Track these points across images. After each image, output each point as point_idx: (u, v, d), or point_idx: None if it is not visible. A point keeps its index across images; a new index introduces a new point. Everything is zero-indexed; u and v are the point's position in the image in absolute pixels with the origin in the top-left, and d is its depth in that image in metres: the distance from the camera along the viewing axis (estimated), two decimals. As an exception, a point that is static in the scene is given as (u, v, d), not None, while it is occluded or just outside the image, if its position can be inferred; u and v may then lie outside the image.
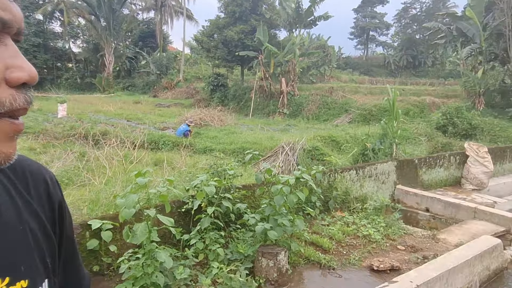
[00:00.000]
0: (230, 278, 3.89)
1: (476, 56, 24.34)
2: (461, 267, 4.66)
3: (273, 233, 4.32)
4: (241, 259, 4.40)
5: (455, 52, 32.09)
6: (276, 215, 4.53)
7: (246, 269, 4.20)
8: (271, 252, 4.26)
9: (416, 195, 7.51)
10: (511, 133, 14.37)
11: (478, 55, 23.80)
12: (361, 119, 19.70)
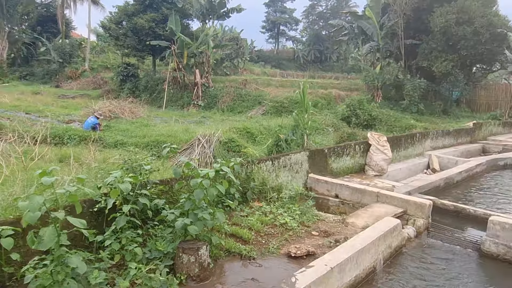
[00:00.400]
0: (149, 278, 3.76)
1: (375, 53, 26.61)
2: (368, 248, 5.09)
3: (193, 228, 4.26)
4: (160, 257, 4.27)
5: (357, 48, 34.67)
6: (196, 209, 4.47)
7: (166, 267, 4.09)
8: (192, 247, 4.20)
9: (327, 182, 7.99)
10: (404, 123, 16.01)
11: (376, 52, 26.03)
12: (274, 111, 20.32)
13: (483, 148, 15.21)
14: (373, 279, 5.15)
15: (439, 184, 9.26)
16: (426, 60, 21.89)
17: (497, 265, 5.78)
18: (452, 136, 14.45)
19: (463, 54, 20.94)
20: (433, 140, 13.28)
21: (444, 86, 22.34)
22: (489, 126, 17.40)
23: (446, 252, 6.17)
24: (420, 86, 21.00)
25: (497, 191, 9.82)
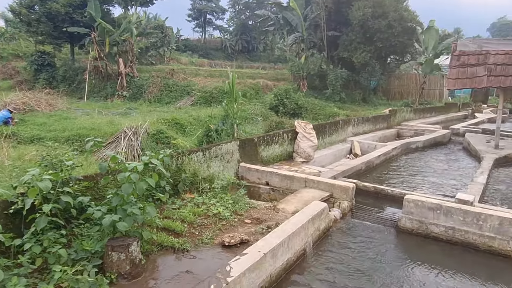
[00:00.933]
0: (76, 280, 3.56)
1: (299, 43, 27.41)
2: (298, 231, 5.31)
3: (122, 224, 4.10)
4: (88, 257, 4.05)
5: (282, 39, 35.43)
6: (125, 205, 4.30)
7: (95, 266, 3.91)
8: (122, 244, 4.04)
9: (257, 171, 8.15)
10: (328, 111, 16.82)
11: (301, 42, 26.84)
12: (203, 101, 20.12)
13: (397, 133, 16.52)
14: (303, 261, 5.39)
15: (360, 168, 9.91)
16: (346, 51, 23.10)
17: (412, 239, 6.37)
18: (371, 123, 15.49)
19: (379, 45, 22.43)
20: (355, 127, 14.13)
21: (363, 76, 23.78)
22: (402, 112, 18.93)
23: (369, 230, 6.65)
24: (342, 76, 22.15)
25: (410, 172, 10.77)
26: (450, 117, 22.92)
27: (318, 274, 5.08)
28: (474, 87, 12.69)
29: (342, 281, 4.93)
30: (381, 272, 5.24)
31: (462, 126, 18.31)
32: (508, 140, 14.38)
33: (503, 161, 11.72)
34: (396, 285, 4.92)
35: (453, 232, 6.17)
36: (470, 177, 9.55)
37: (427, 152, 13.72)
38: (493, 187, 9.35)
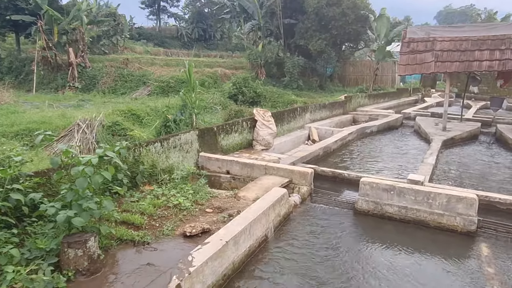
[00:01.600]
0: (31, 280, 3.43)
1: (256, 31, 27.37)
2: (260, 218, 5.38)
3: (78, 220, 3.97)
4: (43, 256, 3.90)
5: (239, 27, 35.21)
6: (80, 200, 4.16)
7: (51, 265, 3.77)
8: (79, 240, 3.92)
9: (218, 160, 8.13)
10: (286, 98, 16.98)
11: (258, 30, 26.80)
12: (160, 91, 19.67)
13: (353, 118, 17.04)
14: (266, 247, 5.49)
15: (318, 153, 10.14)
16: (303, 38, 23.35)
17: (368, 219, 6.65)
18: (328, 109, 15.85)
19: (334, 33, 22.86)
20: (312, 113, 14.40)
21: (319, 63, 24.21)
22: (357, 98, 19.51)
23: (327, 213, 6.86)
24: (299, 63, 22.42)
25: (366, 156, 11.18)
26: (402, 102, 23.91)
27: (280, 258, 5.20)
28: (423, 72, 13.29)
29: (303, 264, 5.07)
30: (340, 252, 5.44)
31: (413, 110, 19.18)
32: (455, 122, 15.23)
33: (450, 142, 12.43)
34: (355, 264, 5.13)
35: (406, 211, 6.50)
36: (421, 158, 10.05)
37: (381, 136, 14.27)
38: (442, 167, 9.92)
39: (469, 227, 6.07)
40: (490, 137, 14.09)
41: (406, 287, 4.63)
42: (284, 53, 25.62)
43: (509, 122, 15.85)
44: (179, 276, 3.74)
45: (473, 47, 12.21)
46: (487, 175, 9.51)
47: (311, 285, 4.59)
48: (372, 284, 4.68)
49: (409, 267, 5.12)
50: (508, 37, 11.85)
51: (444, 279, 4.86)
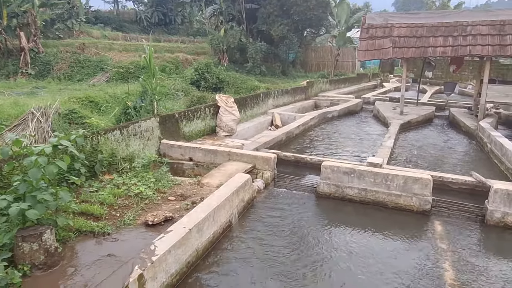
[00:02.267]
0: (-18, 276, 3.25)
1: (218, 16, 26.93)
2: (223, 204, 5.37)
3: (33, 212, 3.80)
4: (-6, 251, 3.71)
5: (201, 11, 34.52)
6: (35, 191, 3.97)
7: (4, 260, 3.59)
8: (34, 233, 3.75)
9: (180, 147, 8.01)
10: (249, 84, 16.92)
11: (220, 15, 26.37)
12: (119, 77, 19.00)
13: (315, 104, 17.29)
14: (230, 233, 5.51)
15: (281, 139, 10.24)
16: (265, 24, 23.23)
17: (330, 202, 6.82)
18: (290, 95, 15.97)
19: (295, 19, 22.89)
20: (275, 99, 14.47)
21: (281, 49, 24.20)
22: (319, 84, 19.78)
23: (291, 197, 6.97)
24: (261, 49, 22.32)
25: (327, 140, 11.40)
26: (361, 87, 24.50)
27: (244, 243, 5.24)
28: (381, 58, 13.64)
29: (267, 247, 5.13)
30: (303, 235, 5.56)
31: (372, 95, 19.72)
32: (411, 106, 15.81)
33: (407, 126, 12.92)
34: (317, 247, 5.26)
35: (366, 193, 6.71)
36: (379, 142, 10.37)
37: (342, 120, 14.59)
38: (399, 150, 10.30)
39: (424, 207, 6.36)
40: (444, 121, 14.77)
41: (367, 265, 4.81)
42: (247, 39, 25.40)
43: (461, 106, 16.66)
44: (141, 266, 3.68)
45: (428, 33, 12.65)
46: (441, 156, 9.98)
47: (275, 269, 4.66)
48: (334, 265, 4.82)
49: (370, 246, 5.31)
50: (460, 24, 12.36)
51: (402, 256, 5.09)
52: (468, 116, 13.93)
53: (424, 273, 4.67)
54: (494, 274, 4.72)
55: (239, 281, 4.40)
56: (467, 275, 4.66)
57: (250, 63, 22.37)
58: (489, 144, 10.08)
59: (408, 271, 4.71)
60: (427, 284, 4.44)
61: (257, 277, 4.47)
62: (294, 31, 24.18)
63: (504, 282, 4.54)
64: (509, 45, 11.55)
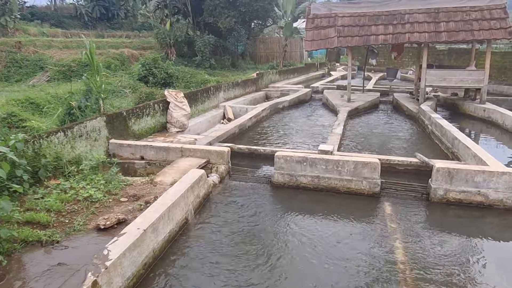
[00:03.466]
0: None
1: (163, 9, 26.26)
2: (178, 202, 5.30)
3: (-30, 226, 3.54)
4: None
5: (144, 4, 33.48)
6: (-30, 204, 3.70)
7: None
8: (-27, 248, 3.51)
9: (130, 146, 7.78)
10: (199, 78, 16.70)
11: (164, 8, 25.73)
12: (61, 76, 18.03)
13: (266, 95, 17.43)
14: (187, 230, 5.45)
15: (234, 131, 10.24)
16: (211, 16, 22.97)
17: (285, 191, 6.93)
18: (241, 87, 15.98)
19: (242, 10, 22.84)
20: (226, 92, 14.41)
21: (230, 41, 24.08)
22: (269, 75, 19.94)
23: (246, 189, 7.00)
24: (210, 42, 22.07)
25: (280, 130, 11.56)
26: (310, 76, 25.03)
27: (201, 239, 5.20)
28: (327, 47, 13.97)
29: (225, 242, 5.14)
30: (260, 226, 5.62)
31: (321, 84, 20.20)
32: (358, 93, 16.39)
33: (354, 112, 13.38)
34: (275, 236, 5.35)
35: (318, 180, 6.89)
36: (330, 129, 10.68)
37: (293, 110, 14.84)
38: (348, 136, 10.67)
39: (374, 189, 6.65)
40: (389, 105, 15.46)
41: (323, 248, 4.96)
42: (194, 32, 25.01)
43: (403, 90, 17.50)
44: (95, 272, 3.55)
45: (370, 22, 13.12)
46: (388, 140, 10.47)
47: (233, 263, 4.68)
48: (293, 252, 4.92)
49: (325, 230, 5.48)
50: (398, 12, 12.93)
51: (356, 238, 5.30)
52: (410, 100, 14.67)
53: (377, 252, 4.89)
54: (439, 247, 5.05)
55: (198, 278, 4.37)
56: (416, 251, 4.94)
57: (199, 56, 22.08)
58: (430, 126, 10.69)
59: (362, 252, 4.92)
60: (380, 263, 4.66)
61: (215, 273, 4.47)
62: (242, 23, 24.13)
63: (449, 253, 4.87)
64: (443, 31, 12.27)
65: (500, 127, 11.58)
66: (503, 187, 6.04)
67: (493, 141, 10.77)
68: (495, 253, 5.03)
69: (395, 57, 16.86)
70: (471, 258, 4.80)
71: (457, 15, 12.39)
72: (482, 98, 13.03)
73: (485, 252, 5.01)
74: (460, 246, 5.10)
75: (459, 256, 4.82)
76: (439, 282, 4.28)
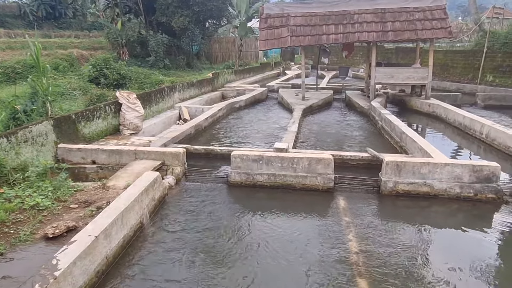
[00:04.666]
0: None
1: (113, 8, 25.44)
2: (132, 206, 5.17)
3: None
4: None
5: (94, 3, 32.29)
6: None
7: None
8: None
9: (80, 150, 7.49)
10: (153, 79, 16.36)
11: (115, 7, 24.93)
12: (5, 79, 16.94)
13: (222, 95, 17.40)
14: (142, 234, 5.33)
15: (190, 132, 10.14)
16: (164, 15, 22.56)
17: (242, 190, 6.96)
18: (197, 87, 15.84)
19: (196, 9, 22.61)
20: (181, 93, 14.23)
21: (184, 41, 23.78)
22: (225, 75, 19.91)
23: (203, 190, 6.95)
24: (163, 41, 21.67)
25: (236, 130, 11.58)
26: (266, 75, 25.27)
27: (157, 243, 5.11)
28: (281, 47, 14.16)
29: (182, 245, 5.08)
30: (218, 227, 5.60)
31: (276, 83, 20.48)
32: (312, 91, 16.77)
33: (309, 110, 13.68)
34: (233, 236, 5.35)
35: (275, 178, 6.98)
36: (285, 127, 10.84)
37: (249, 109, 14.92)
38: (303, 133, 10.88)
39: (328, 185, 6.83)
40: (341, 103, 15.94)
41: (281, 246, 5.03)
42: (147, 31, 24.42)
43: (355, 88, 18.11)
44: (42, 283, 3.39)
45: (321, 22, 13.45)
46: (341, 136, 10.79)
47: (190, 267, 4.64)
48: (252, 250, 4.94)
49: (281, 227, 5.56)
50: (348, 12, 13.35)
51: (312, 233, 5.41)
52: (362, 97, 15.22)
53: (332, 246, 5.03)
54: (390, 236, 5.28)
55: (154, 284, 4.29)
56: (368, 242, 5.13)
57: (152, 56, 21.61)
58: (380, 122, 11.15)
59: (317, 246, 5.04)
60: (335, 255, 4.80)
61: (172, 277, 4.41)
62: (196, 23, 23.89)
63: (398, 242, 5.11)
64: (390, 31, 12.82)
65: (444, 121, 12.29)
66: (446, 178, 6.41)
67: (437, 135, 11.41)
68: (441, 239, 5.33)
69: (346, 55, 17.40)
70: (420, 245, 5.06)
71: (402, 15, 13.00)
72: (427, 94, 13.75)
73: (432, 239, 5.31)
74: (409, 234, 5.36)
75: (408, 244, 5.07)
76: (391, 269, 4.48)
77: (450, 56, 22.48)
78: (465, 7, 52.88)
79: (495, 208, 6.18)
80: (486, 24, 22.20)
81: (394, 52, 26.88)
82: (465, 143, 10.27)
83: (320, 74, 21.96)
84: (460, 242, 5.28)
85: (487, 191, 6.33)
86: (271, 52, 31.32)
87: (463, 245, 5.20)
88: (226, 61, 26.60)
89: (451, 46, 25.15)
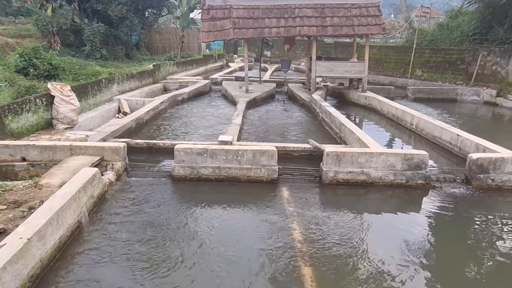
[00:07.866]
0: None
1: (43, -7, 23.63)
2: (69, 204, 4.87)
3: None
4: None
5: (20, -13, 29.75)
6: None
7: None
8: None
9: (8, 146, 6.91)
10: (90, 70, 15.51)
11: (44, -8, 23.16)
12: None
13: (164, 87, 16.94)
14: (81, 233, 5.05)
15: (131, 126, 9.77)
16: (100, 3, 21.43)
17: (186, 184, 6.84)
18: (137, 79, 15.27)
19: (134, -2, 21.76)
20: (120, 85, 13.64)
21: (122, 31, 22.76)
22: (166, 66, 19.40)
23: (146, 185, 6.74)
24: (100, 30, 20.59)
25: (180, 123, 11.36)
26: (209, 68, 25.01)
27: (97, 244, 4.87)
28: (224, 39, 14.06)
29: (123, 244, 4.89)
30: (162, 223, 5.46)
31: (220, 75, 20.34)
32: (255, 84, 16.88)
33: (252, 103, 13.77)
34: (178, 232, 5.25)
35: (219, 171, 6.95)
36: (229, 119, 10.81)
37: (192, 102, 14.70)
38: (247, 125, 10.94)
39: (272, 176, 6.93)
40: (284, 95, 16.23)
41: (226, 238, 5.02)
42: (81, 19, 23.03)
43: (297, 81, 18.52)
44: (-33, 292, 3.10)
45: (263, 15, 13.53)
46: (284, 127, 10.99)
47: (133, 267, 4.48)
48: (197, 246, 4.88)
49: (227, 220, 5.56)
50: (289, 6, 13.56)
51: (258, 224, 5.47)
52: (303, 90, 15.60)
53: (276, 236, 5.12)
54: (332, 223, 5.49)
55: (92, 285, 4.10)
56: (311, 229, 5.30)
57: (88, 46, 20.44)
58: (321, 114, 11.51)
59: (262, 236, 5.10)
60: (280, 244, 4.89)
61: (113, 278, 4.23)
62: (135, 12, 22.97)
63: (340, 228, 5.33)
64: (329, 26, 13.23)
65: (379, 113, 12.98)
66: (381, 166, 6.78)
67: (373, 126, 12.02)
68: (377, 224, 5.65)
69: (288, 49, 17.69)
70: (359, 230, 5.32)
71: (340, 11, 13.46)
72: (363, 87, 14.42)
73: (369, 224, 5.60)
74: (349, 220, 5.61)
75: (348, 230, 5.31)
76: (333, 253, 4.66)
77: (384, 51, 23.73)
78: (397, 5, 56.11)
79: (424, 193, 6.66)
80: (415, 22, 23.71)
81: (333, 46, 27.83)
82: (398, 133, 10.93)
83: (263, 67, 22.18)
84: (393, 225, 5.64)
85: (417, 177, 6.79)
86: (214, 44, 31.02)
87: (396, 228, 5.55)
88: (168, 53, 25.92)
89: (384, 42, 26.57)
